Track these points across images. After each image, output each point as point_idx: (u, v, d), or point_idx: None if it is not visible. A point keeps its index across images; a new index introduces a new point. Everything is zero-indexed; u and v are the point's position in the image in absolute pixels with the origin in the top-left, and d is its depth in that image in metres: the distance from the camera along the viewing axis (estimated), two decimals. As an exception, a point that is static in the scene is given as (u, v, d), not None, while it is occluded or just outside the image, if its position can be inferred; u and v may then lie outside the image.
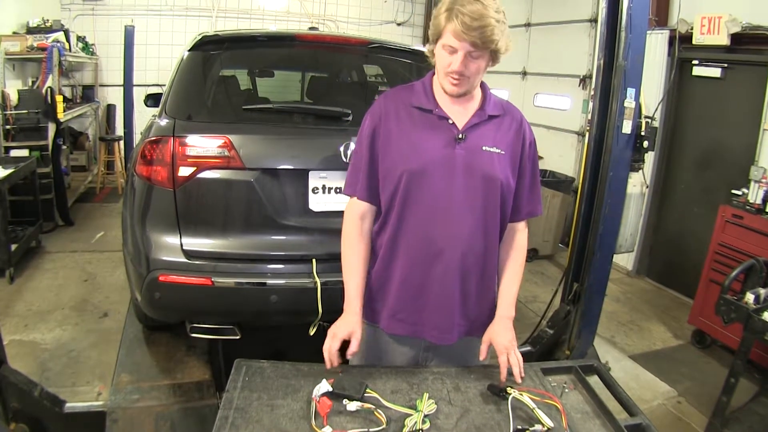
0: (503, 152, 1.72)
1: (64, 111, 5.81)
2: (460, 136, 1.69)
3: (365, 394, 1.57)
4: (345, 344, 1.71)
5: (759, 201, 3.98)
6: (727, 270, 3.84)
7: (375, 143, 1.74)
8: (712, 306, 3.24)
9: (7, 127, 5.18)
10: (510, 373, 1.67)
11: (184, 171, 2.52)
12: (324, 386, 1.56)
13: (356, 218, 1.80)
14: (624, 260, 5.65)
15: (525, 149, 1.77)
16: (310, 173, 2.69)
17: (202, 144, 2.54)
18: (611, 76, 3.09)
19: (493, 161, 1.70)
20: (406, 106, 1.74)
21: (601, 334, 3.78)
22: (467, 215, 1.70)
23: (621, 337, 4.41)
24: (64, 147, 6.32)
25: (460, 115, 1.72)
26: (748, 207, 3.97)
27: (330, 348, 1.66)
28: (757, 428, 2.92)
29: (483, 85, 1.77)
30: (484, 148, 1.70)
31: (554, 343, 3.49)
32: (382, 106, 1.77)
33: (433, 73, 1.76)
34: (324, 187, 2.71)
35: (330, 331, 1.70)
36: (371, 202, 1.80)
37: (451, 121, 1.70)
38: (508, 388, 1.58)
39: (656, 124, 3.28)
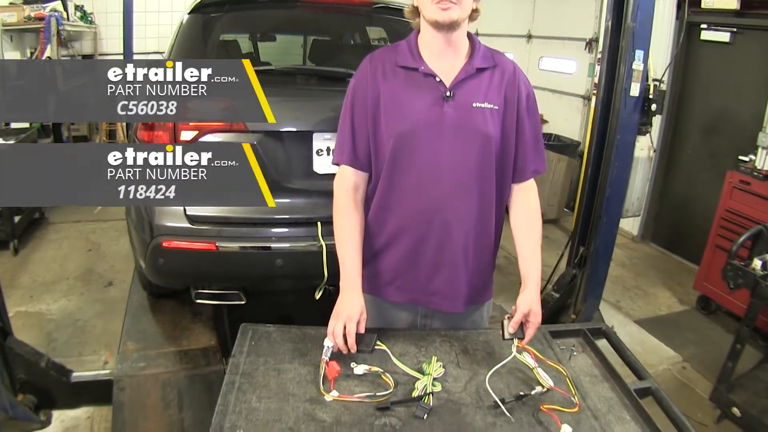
0: (497, 107, 1.63)
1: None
2: (448, 93, 1.61)
3: (375, 347, 1.58)
4: None
5: (767, 167, 3.91)
6: (733, 236, 3.80)
7: (361, 107, 1.67)
8: (718, 272, 3.22)
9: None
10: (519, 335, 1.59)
11: (186, 135, 2.47)
12: (330, 343, 1.54)
13: (349, 188, 1.72)
14: (629, 225, 5.61)
15: (522, 102, 1.66)
16: (314, 135, 2.64)
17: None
18: (619, 38, 3.01)
19: (485, 118, 1.61)
20: (392, 66, 1.66)
21: (606, 299, 3.78)
22: (460, 176, 1.62)
23: (626, 302, 4.41)
24: (65, 117, 6.24)
25: (447, 71, 1.63)
26: (755, 173, 3.91)
27: (335, 331, 1.55)
28: (761, 394, 2.91)
29: (471, 36, 1.68)
30: (474, 104, 1.61)
31: (560, 307, 3.47)
32: (367, 69, 1.69)
33: (418, 32, 1.68)
34: (328, 149, 2.66)
35: (334, 312, 1.61)
36: (362, 170, 1.72)
37: (438, 79, 1.62)
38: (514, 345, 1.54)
39: (664, 87, 3.21)
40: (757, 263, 2.86)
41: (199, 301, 2.71)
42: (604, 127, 3.17)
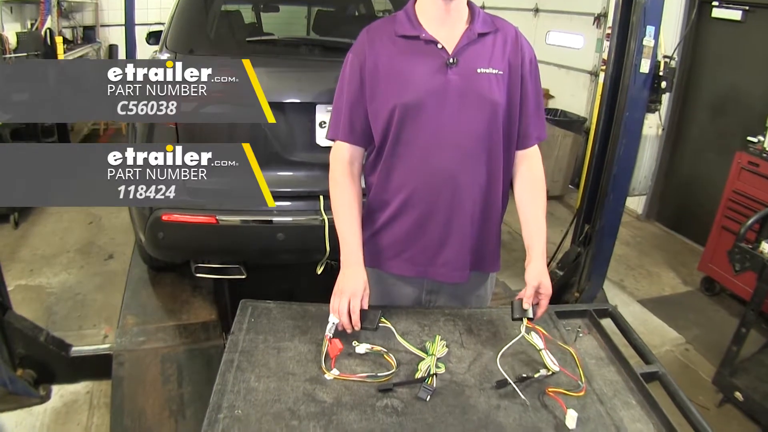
0: (501, 72, 1.57)
1: (65, 52, 5.69)
2: (451, 60, 1.55)
3: (380, 325, 1.55)
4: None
5: (776, 150, 3.84)
6: (740, 218, 3.76)
7: (359, 81, 1.60)
8: (723, 253, 3.18)
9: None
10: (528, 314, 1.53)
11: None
12: (335, 319, 1.51)
13: (345, 163, 1.67)
14: (634, 204, 5.56)
15: (525, 66, 1.61)
16: (317, 107, 2.59)
17: None
18: (630, 13, 2.95)
19: (491, 84, 1.56)
20: (390, 36, 1.60)
21: (610, 278, 3.75)
22: (467, 144, 1.57)
23: (630, 282, 4.38)
24: (66, 88, 6.18)
25: (448, 38, 1.57)
26: (765, 155, 3.83)
27: (340, 308, 1.51)
28: (764, 379, 2.89)
29: (470, 3, 1.62)
30: (479, 70, 1.55)
31: (563, 285, 3.46)
32: (365, 41, 1.62)
33: (415, 1, 1.62)
34: (329, 122, 2.61)
35: (335, 290, 1.56)
36: (358, 144, 1.67)
37: (440, 46, 1.56)
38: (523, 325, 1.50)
39: (674, 64, 3.14)
40: (765, 246, 2.81)
41: (199, 275, 2.70)
42: (613, 104, 3.14)
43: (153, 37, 3.81)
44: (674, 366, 3.28)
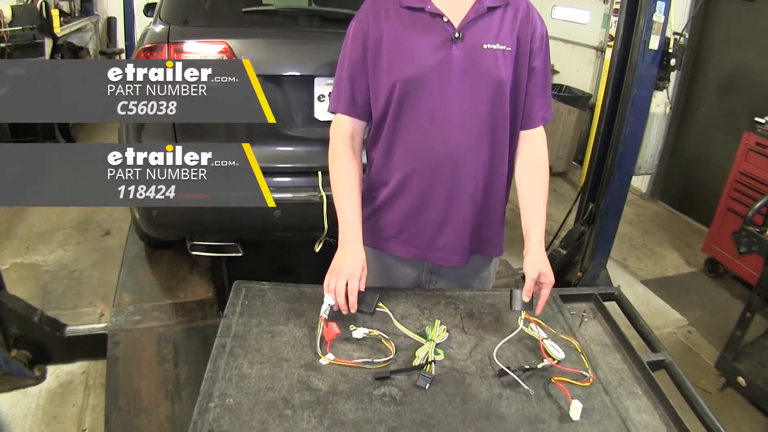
0: (509, 48, 1.49)
1: (61, 25, 5.60)
2: (457, 35, 1.46)
3: (377, 309, 1.50)
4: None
5: (784, 130, 3.75)
6: (747, 200, 3.70)
7: (362, 52, 1.53)
8: (728, 235, 3.13)
9: (2, 45, 4.96)
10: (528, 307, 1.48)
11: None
12: (331, 300, 1.45)
13: (346, 137, 1.60)
14: (638, 182, 5.48)
15: (535, 42, 1.53)
16: (316, 80, 2.52)
17: (199, 50, 2.38)
18: (639, -12, 2.86)
19: (497, 60, 1.48)
20: (395, 7, 1.51)
21: (613, 257, 3.69)
22: (470, 123, 1.50)
23: (633, 261, 4.33)
24: (63, 63, 6.11)
25: (455, 11, 1.49)
26: (773, 136, 3.75)
27: (337, 288, 1.45)
28: (767, 363, 2.86)
29: None
30: (485, 46, 1.47)
31: (566, 265, 3.41)
32: (369, 10, 1.54)
33: None
34: (330, 94, 2.54)
35: (332, 269, 1.50)
36: (359, 118, 1.60)
37: (445, 19, 1.47)
38: (521, 318, 1.46)
39: (683, 41, 3.05)
40: (773, 230, 2.76)
41: (195, 253, 2.64)
42: (620, 81, 3.07)
43: (150, 9, 3.71)
44: (677, 349, 3.24)
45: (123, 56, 7.19)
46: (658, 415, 1.32)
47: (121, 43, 7.52)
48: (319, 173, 2.51)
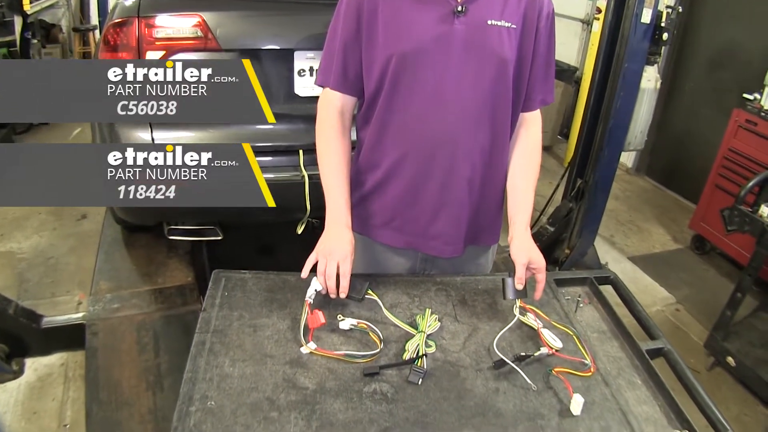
0: (514, 26, 1.40)
1: (32, 2, 5.43)
2: (459, 8, 1.36)
3: (366, 296, 1.43)
4: None
5: (774, 108, 3.71)
6: (735, 177, 3.67)
7: (356, 22, 1.42)
8: (716, 212, 3.11)
9: (-31, 23, 4.79)
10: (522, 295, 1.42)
11: (152, 56, 2.26)
12: (318, 285, 1.38)
13: (335, 113, 1.51)
14: (625, 157, 5.40)
15: (541, 20, 1.45)
16: (296, 54, 2.43)
17: (172, 24, 2.27)
18: (631, -41, 2.79)
19: (502, 38, 1.39)
20: None
21: (600, 233, 3.65)
22: (470, 103, 1.41)
23: (620, 237, 4.31)
24: (35, 41, 5.87)
25: None
26: (763, 114, 3.68)
27: (328, 271, 1.37)
28: (756, 344, 2.85)
29: None
30: (490, 22, 1.38)
31: (554, 242, 3.38)
32: None
33: None
34: (311, 69, 2.46)
35: (321, 251, 1.41)
36: (350, 93, 1.51)
37: None
38: (516, 307, 1.40)
39: (675, 15, 2.98)
40: (765, 210, 2.72)
41: (172, 237, 2.56)
42: (610, 55, 3.03)
43: None
44: (665, 327, 3.23)
45: (97, 33, 6.96)
46: (658, 406, 1.28)
47: (94, 19, 7.27)
48: (301, 152, 2.44)
